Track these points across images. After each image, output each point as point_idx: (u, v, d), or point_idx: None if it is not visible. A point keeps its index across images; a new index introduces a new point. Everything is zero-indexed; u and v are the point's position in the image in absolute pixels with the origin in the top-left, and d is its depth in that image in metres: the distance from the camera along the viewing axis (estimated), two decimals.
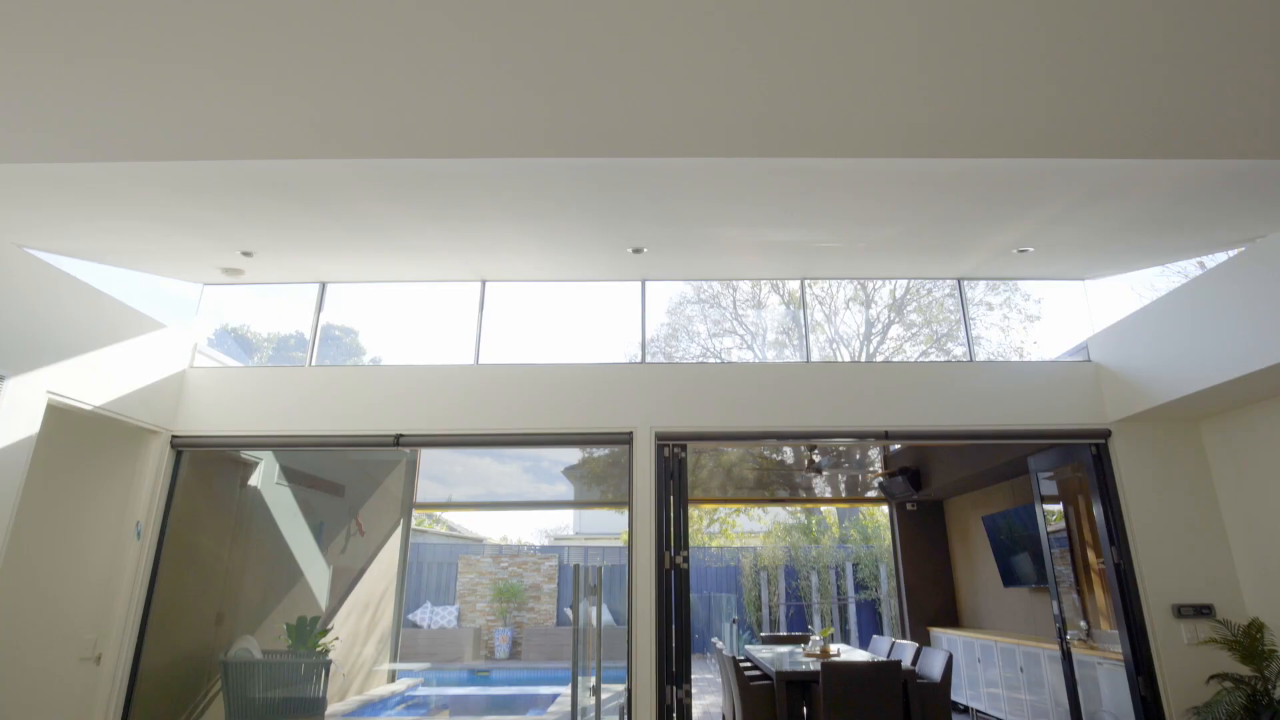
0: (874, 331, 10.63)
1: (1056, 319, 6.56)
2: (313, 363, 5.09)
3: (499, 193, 3.33)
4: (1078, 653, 5.22)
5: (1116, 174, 3.09)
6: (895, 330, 10.63)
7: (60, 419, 3.98)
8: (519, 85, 2.11)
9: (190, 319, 5.06)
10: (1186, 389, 4.14)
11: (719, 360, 9.45)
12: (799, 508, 15.08)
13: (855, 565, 13.74)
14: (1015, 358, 7.81)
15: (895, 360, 9.10)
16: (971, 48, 1.99)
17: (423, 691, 8.29)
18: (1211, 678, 4.05)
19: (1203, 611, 4.34)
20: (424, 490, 9.12)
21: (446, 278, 5.26)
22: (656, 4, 1.79)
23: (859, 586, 13.49)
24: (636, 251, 4.31)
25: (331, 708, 6.15)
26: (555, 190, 3.31)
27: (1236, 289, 3.86)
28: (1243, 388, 4.00)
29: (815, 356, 5.23)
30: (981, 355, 7.33)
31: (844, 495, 11.00)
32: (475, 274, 5.11)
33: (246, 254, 4.18)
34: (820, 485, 10.16)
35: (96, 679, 4.09)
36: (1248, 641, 3.94)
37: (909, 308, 9.21)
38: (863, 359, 10.15)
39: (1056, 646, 5.41)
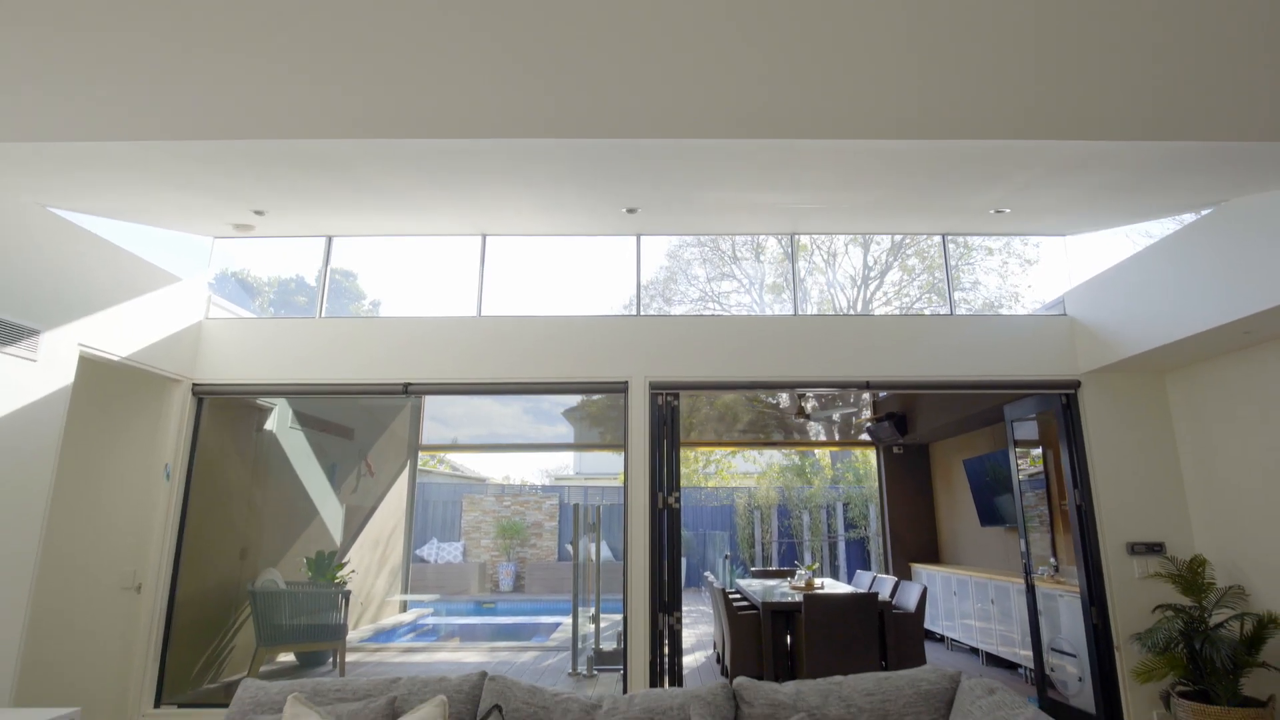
0: (871, 275, 10.79)
1: (1053, 265, 6.75)
2: (322, 314, 5.31)
3: (497, 160, 3.49)
4: (1044, 586, 5.60)
5: (1085, 147, 3.25)
6: (893, 275, 10.78)
7: (90, 370, 4.24)
8: (523, 74, 2.27)
9: (198, 269, 5.24)
10: (1153, 343, 4.37)
11: (717, 305, 9.67)
12: (793, 450, 15.52)
13: (846, 505, 14.25)
14: (1011, 303, 8.03)
15: (880, 313, 9.30)
16: (961, 38, 2.14)
17: (432, 621, 8.83)
18: (1157, 608, 4.42)
19: (1154, 549, 4.69)
20: (428, 432, 9.48)
21: (448, 232, 5.42)
22: None
23: (849, 525, 14.03)
24: (630, 211, 4.49)
25: (349, 634, 6.62)
26: (551, 159, 3.47)
27: (1201, 249, 4.05)
28: (1205, 342, 4.23)
29: (814, 299, 5.44)
30: (979, 300, 7.55)
31: (835, 439, 11.34)
32: (476, 228, 5.28)
33: (259, 212, 4.36)
34: (815, 429, 10.51)
35: (139, 606, 4.48)
36: (1190, 575, 4.29)
37: (908, 251, 9.32)
38: (860, 304, 10.36)
39: (1024, 581, 5.82)
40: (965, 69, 2.33)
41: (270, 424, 6.01)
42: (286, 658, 5.54)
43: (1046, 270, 6.98)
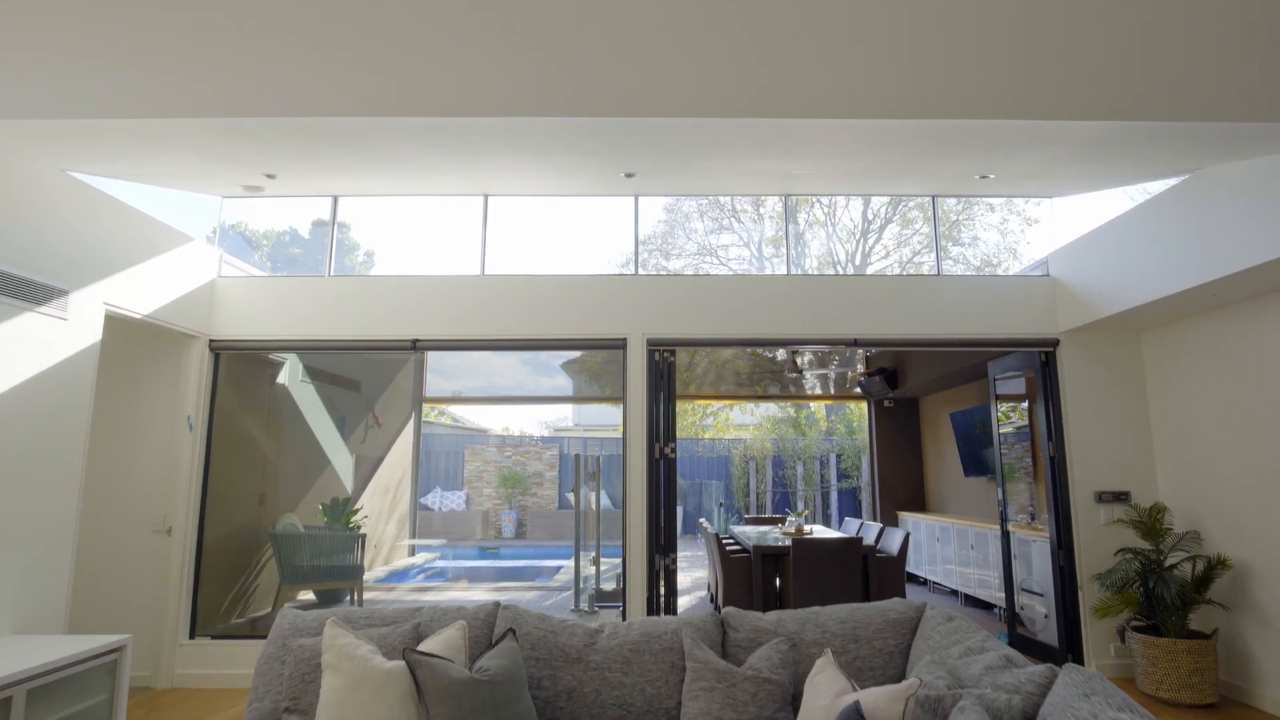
0: (872, 228, 10.91)
1: (1047, 224, 6.90)
2: (331, 273, 5.49)
3: (499, 128, 3.64)
4: (1020, 533, 5.94)
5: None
6: (893, 229, 10.91)
7: (114, 328, 4.45)
8: (534, 59, 2.43)
9: (198, 225, 5.38)
10: (1128, 304, 4.59)
11: (715, 258, 9.84)
12: (789, 403, 15.86)
13: (839, 456, 14.67)
14: (1010, 259, 8.20)
15: (874, 271, 9.46)
16: (951, 25, 2.29)
17: (440, 564, 9.25)
18: (1118, 551, 4.75)
19: (1120, 498, 5.00)
20: (430, 383, 9.74)
21: (450, 192, 5.56)
22: None
23: (841, 476, 14.47)
24: (629, 176, 4.63)
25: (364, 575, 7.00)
26: (551, 128, 3.61)
27: (1174, 215, 4.23)
28: (1177, 304, 4.45)
29: (814, 253, 5.61)
30: (978, 256, 7.71)
31: (830, 393, 11.64)
32: (478, 189, 5.42)
33: (270, 176, 4.50)
34: (812, 382, 10.78)
35: (170, 548, 4.79)
36: (1149, 521, 4.60)
37: (909, 204, 9.41)
38: (859, 258, 10.53)
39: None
40: (955, 55, 2.48)
41: (282, 378, 6.25)
42: (306, 595, 5.90)
43: (1045, 228, 7.14)
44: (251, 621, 5.40)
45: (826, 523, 13.77)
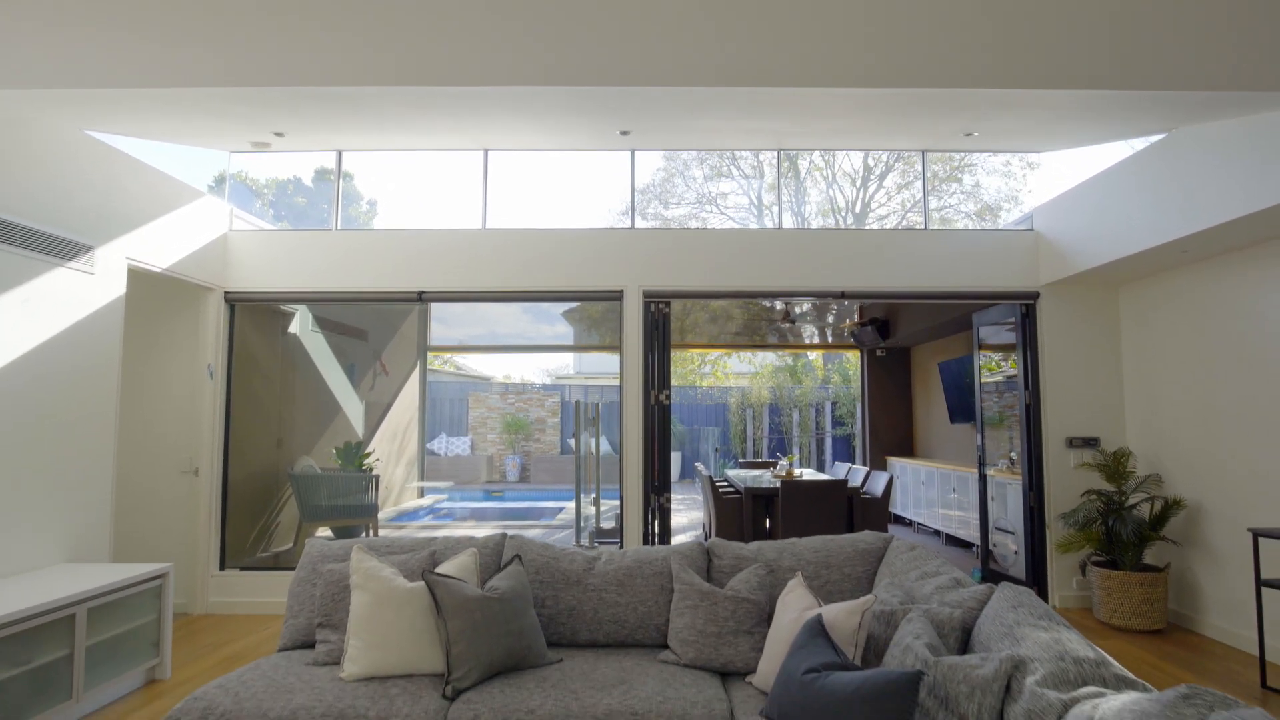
0: (873, 175, 10.96)
1: (1041, 178, 7.04)
2: (338, 227, 5.68)
3: (496, 93, 3.78)
4: (999, 476, 6.27)
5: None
6: (894, 178, 10.96)
7: (135, 282, 4.67)
8: (518, 28, 2.59)
9: (201, 174, 5.54)
10: (1106, 257, 4.79)
11: (714, 206, 9.95)
12: (787, 352, 16.13)
13: (834, 404, 15.01)
14: (1010, 205, 8.33)
15: (860, 228, 9.59)
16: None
17: (447, 505, 9.68)
18: (1085, 493, 5.07)
19: (1089, 443, 5.30)
20: (434, 332, 9.99)
21: (452, 147, 5.70)
22: None
23: (836, 423, 14.84)
24: (624, 133, 4.77)
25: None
26: (543, 92, 3.75)
27: (1153, 172, 4.39)
28: (1150, 259, 4.65)
29: (815, 200, 5.77)
30: (978, 203, 7.82)
31: (826, 342, 11.88)
32: (478, 144, 5.55)
33: (279, 134, 4.65)
34: (810, 331, 11.02)
35: (197, 487, 5.13)
36: (1113, 465, 4.90)
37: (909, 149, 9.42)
38: (859, 205, 10.63)
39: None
40: (921, 25, 2.64)
41: (293, 327, 6.50)
42: (324, 533, 6.29)
43: (1039, 178, 7.26)
44: (275, 555, 5.79)
45: (820, 468, 14.20)
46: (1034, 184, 7.95)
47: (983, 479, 6.19)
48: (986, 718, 1.91)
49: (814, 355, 16.68)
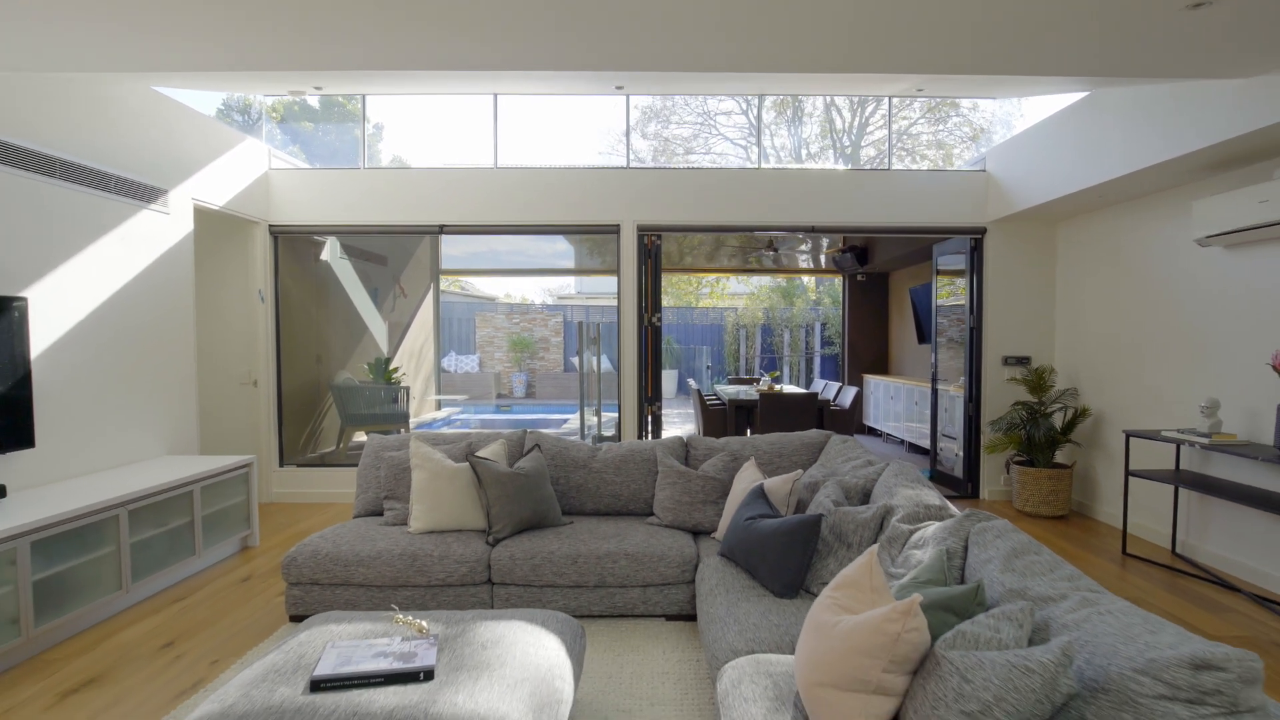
0: (870, 99, 11.33)
1: (994, 120, 7.56)
2: (365, 166, 6.31)
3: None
4: (951, 390, 7.14)
5: None
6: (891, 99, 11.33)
7: (197, 219, 5.37)
8: (537, 24, 3.22)
9: (207, 101, 6.07)
10: (1042, 198, 5.47)
11: (714, 124, 10.44)
12: (782, 275, 16.79)
13: (824, 325, 15.81)
14: (1004, 129, 8.86)
15: (824, 167, 10.09)
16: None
17: (463, 417, 10.64)
18: (1014, 404, 5.94)
19: (1022, 361, 6.14)
20: (444, 254, 10.65)
21: (465, 92, 6.26)
22: None
23: (825, 343, 15.69)
24: (619, 88, 5.36)
25: None
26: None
27: (1079, 123, 5.01)
28: (1081, 199, 5.32)
29: (815, 117, 6.33)
30: (975, 121, 8.32)
31: (821, 266, 12.56)
32: (488, 90, 6.12)
33: (317, 88, 5.25)
34: (803, 257, 11.67)
35: (257, 396, 6.01)
36: (1036, 379, 5.75)
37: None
38: (855, 129, 11.10)
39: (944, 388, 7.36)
40: (898, 23, 3.26)
41: (325, 255, 7.22)
42: (360, 437, 7.23)
43: (1034, 103, 7.73)
44: (321, 455, 6.74)
45: (807, 385, 15.12)
46: (1026, 109, 8.45)
47: (934, 393, 7.07)
48: (866, 544, 2.81)
49: (807, 279, 17.35)
